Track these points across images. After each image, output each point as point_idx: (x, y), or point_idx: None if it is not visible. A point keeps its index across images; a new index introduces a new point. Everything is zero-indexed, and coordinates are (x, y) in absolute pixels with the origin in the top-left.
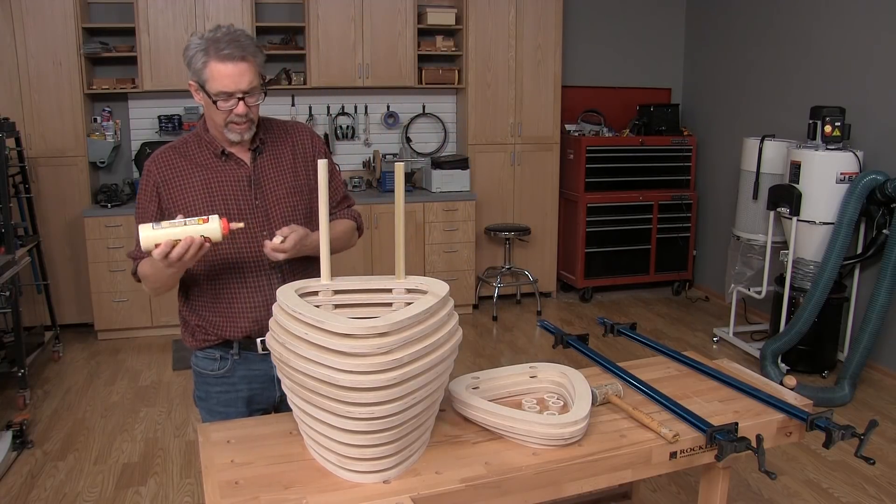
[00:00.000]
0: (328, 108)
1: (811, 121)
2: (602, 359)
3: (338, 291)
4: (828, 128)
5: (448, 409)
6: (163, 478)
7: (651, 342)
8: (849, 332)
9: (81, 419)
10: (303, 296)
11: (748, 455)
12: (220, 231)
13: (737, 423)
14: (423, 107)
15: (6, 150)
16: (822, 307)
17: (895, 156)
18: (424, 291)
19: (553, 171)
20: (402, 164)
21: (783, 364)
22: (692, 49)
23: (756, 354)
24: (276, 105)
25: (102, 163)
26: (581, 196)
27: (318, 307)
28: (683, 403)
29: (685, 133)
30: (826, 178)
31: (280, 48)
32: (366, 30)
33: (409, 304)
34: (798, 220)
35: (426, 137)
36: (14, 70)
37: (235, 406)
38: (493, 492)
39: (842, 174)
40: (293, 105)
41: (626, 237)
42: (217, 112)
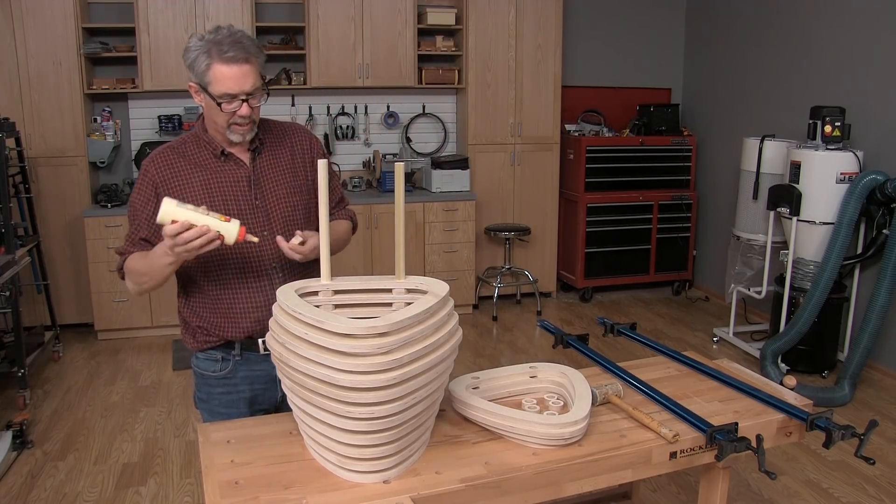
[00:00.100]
0: (328, 108)
1: (811, 121)
2: (602, 359)
3: (338, 291)
4: (828, 128)
5: (448, 409)
6: (163, 478)
7: (651, 342)
8: (849, 332)
9: (81, 419)
10: (303, 296)
11: (748, 455)
12: (236, 236)
13: (737, 423)
14: (423, 107)
15: (6, 150)
16: (822, 307)
17: (895, 156)
18: (424, 291)
19: (553, 171)
20: (402, 164)
21: (783, 364)
22: (692, 49)
23: (756, 354)
24: (277, 105)
25: (102, 163)
26: (581, 196)
27: (318, 307)
28: (683, 403)
29: (685, 133)
30: (826, 178)
31: (280, 48)
32: (366, 30)
33: (409, 305)
34: (798, 220)
35: (426, 137)
36: (14, 70)
37: (237, 407)
38: (493, 492)
39: (842, 174)
40: (293, 105)
41: (626, 237)
42: (220, 114)
